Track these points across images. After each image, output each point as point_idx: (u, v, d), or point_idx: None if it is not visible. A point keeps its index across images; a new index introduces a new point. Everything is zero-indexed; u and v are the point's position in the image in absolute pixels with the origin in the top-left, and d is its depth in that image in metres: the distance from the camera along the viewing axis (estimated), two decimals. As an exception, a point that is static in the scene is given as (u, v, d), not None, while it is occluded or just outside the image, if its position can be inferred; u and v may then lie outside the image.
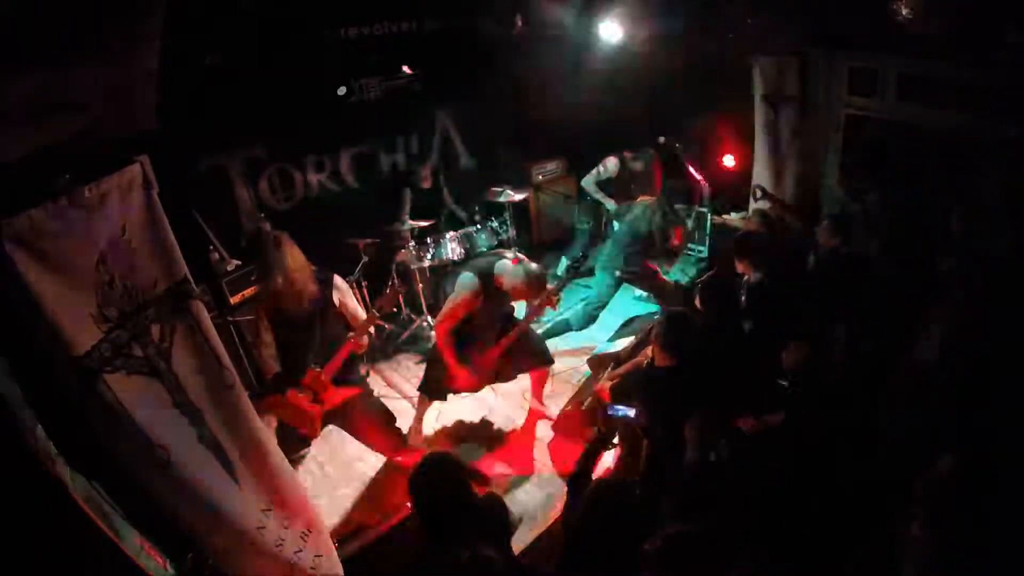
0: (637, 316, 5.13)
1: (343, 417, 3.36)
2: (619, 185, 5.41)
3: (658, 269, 5.27)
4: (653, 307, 5.25)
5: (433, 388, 3.79)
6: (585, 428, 3.77)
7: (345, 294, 3.25)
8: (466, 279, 3.40)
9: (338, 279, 3.24)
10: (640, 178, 5.42)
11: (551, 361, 3.94)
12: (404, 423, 3.80)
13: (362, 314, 3.29)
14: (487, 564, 1.74)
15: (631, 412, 2.76)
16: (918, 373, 2.64)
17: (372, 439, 3.52)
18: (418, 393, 3.90)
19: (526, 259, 3.51)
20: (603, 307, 5.12)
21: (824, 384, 2.92)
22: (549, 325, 4.98)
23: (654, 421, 2.74)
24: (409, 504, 3.32)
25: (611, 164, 5.35)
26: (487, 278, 3.38)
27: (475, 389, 3.88)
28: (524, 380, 4.16)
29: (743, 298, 3.59)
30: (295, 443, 3.48)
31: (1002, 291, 2.72)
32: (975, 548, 1.65)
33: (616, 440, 2.74)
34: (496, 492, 2.60)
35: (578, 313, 5.10)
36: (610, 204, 5.38)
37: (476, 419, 4.24)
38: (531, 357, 3.82)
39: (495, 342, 3.64)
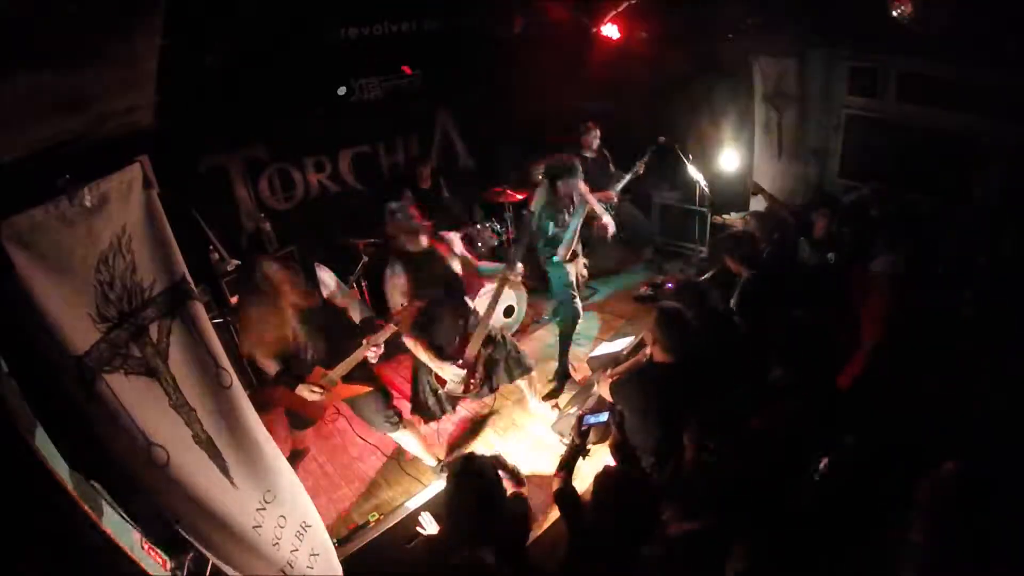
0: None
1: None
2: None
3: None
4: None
5: (424, 404, 3.58)
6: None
7: (335, 290, 3.23)
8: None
9: (325, 275, 3.18)
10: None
11: (530, 368, 3.82)
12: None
13: (356, 310, 3.28)
14: (479, 566, 1.74)
15: (603, 417, 2.73)
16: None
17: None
18: (412, 416, 3.64)
19: None
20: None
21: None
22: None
23: (652, 419, 2.72)
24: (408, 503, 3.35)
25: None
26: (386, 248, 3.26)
27: (467, 390, 3.62)
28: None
29: (736, 296, 3.59)
30: (298, 427, 3.51)
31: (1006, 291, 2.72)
32: (975, 554, 1.64)
33: (590, 447, 2.69)
34: (521, 494, 2.59)
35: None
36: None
37: (475, 421, 4.26)
38: (508, 371, 3.69)
39: (462, 330, 3.49)
